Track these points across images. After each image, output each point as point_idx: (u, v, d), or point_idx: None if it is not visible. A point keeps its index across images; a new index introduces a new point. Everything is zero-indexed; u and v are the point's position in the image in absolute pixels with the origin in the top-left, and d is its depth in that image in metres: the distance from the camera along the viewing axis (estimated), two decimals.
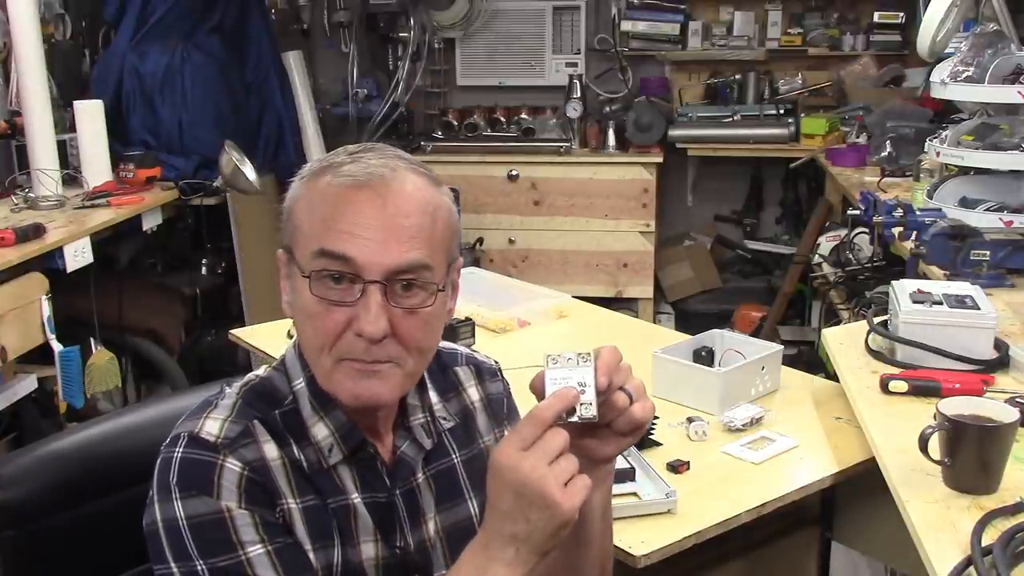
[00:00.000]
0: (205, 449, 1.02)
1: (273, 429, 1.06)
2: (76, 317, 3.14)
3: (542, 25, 4.94)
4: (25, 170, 3.38)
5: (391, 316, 1.02)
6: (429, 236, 1.04)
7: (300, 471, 1.06)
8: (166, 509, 1.01)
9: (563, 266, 4.68)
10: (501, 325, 2.34)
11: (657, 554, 1.41)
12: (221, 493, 1.00)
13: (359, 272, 1.01)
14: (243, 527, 1.00)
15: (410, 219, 1.03)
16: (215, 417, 1.05)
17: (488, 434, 1.23)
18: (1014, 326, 1.95)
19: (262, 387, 1.11)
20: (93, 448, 1.26)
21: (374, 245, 1.01)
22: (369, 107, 4.82)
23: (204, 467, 1.01)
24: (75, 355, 2.86)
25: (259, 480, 1.02)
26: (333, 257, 1.01)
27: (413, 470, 1.14)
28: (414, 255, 1.03)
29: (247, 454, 1.03)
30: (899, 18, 4.63)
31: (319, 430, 1.08)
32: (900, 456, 1.44)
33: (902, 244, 2.55)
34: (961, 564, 1.15)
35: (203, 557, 0.99)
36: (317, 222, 1.03)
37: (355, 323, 1.02)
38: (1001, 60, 2.62)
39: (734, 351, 1.98)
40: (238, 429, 1.04)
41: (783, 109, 4.68)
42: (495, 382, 1.27)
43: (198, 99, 3.88)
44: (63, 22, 3.96)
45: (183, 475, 1.01)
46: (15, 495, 1.17)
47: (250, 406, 1.08)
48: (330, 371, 1.05)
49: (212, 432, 1.03)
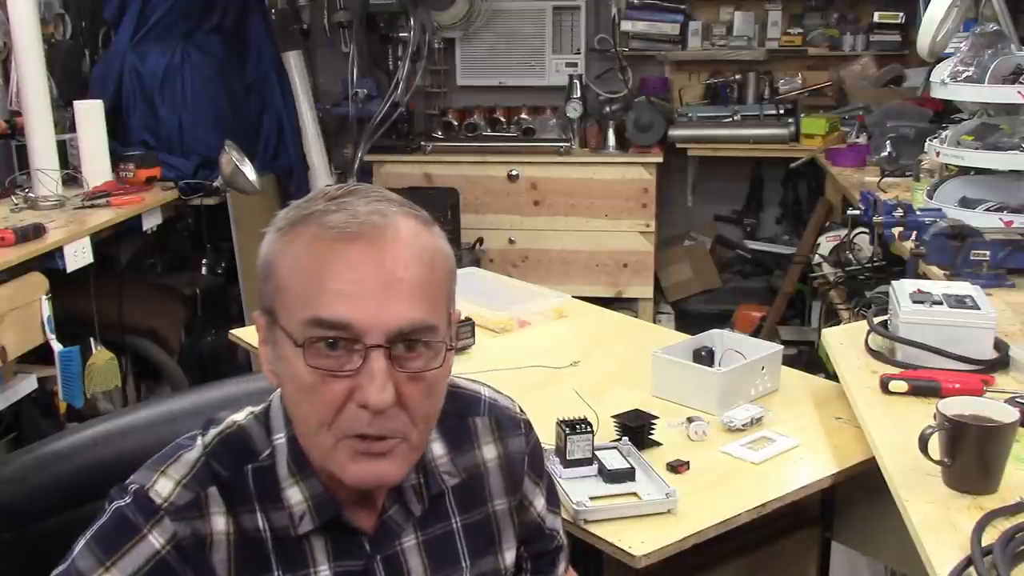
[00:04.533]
0: (142, 511, 0.94)
1: (233, 495, 0.97)
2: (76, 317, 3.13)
3: (542, 25, 4.95)
4: (25, 170, 3.38)
5: (396, 383, 0.91)
6: (430, 290, 0.94)
7: (255, 545, 0.96)
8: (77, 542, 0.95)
9: (563, 266, 4.68)
10: (501, 325, 2.34)
11: (657, 554, 1.41)
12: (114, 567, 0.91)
13: (359, 337, 0.90)
14: None
15: (409, 271, 0.92)
16: (171, 476, 0.96)
17: (500, 498, 1.11)
18: (1014, 326, 1.95)
19: (237, 438, 1.00)
20: (92, 449, 1.24)
21: (373, 306, 0.90)
22: (369, 107, 4.82)
23: (126, 532, 0.93)
24: (75, 355, 2.85)
25: (176, 561, 0.93)
26: (329, 326, 0.90)
27: (398, 536, 1.04)
28: (417, 314, 0.92)
29: (185, 528, 0.94)
30: (899, 18, 4.63)
31: (293, 494, 0.98)
32: (900, 456, 1.43)
33: (902, 244, 2.55)
34: (961, 564, 1.15)
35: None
36: (306, 284, 0.92)
37: (358, 394, 0.91)
38: (1001, 60, 2.62)
39: (734, 351, 1.98)
40: (188, 497, 0.95)
41: (783, 109, 4.69)
42: (517, 437, 1.14)
43: (198, 99, 3.88)
44: (63, 22, 3.96)
45: (105, 528, 0.94)
46: (14, 497, 1.15)
47: (217, 462, 0.98)
48: (331, 450, 0.94)
49: (160, 493, 0.95)
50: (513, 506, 1.13)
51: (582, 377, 2.04)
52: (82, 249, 2.98)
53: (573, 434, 1.57)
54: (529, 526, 1.17)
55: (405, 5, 4.72)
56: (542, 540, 1.19)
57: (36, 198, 3.23)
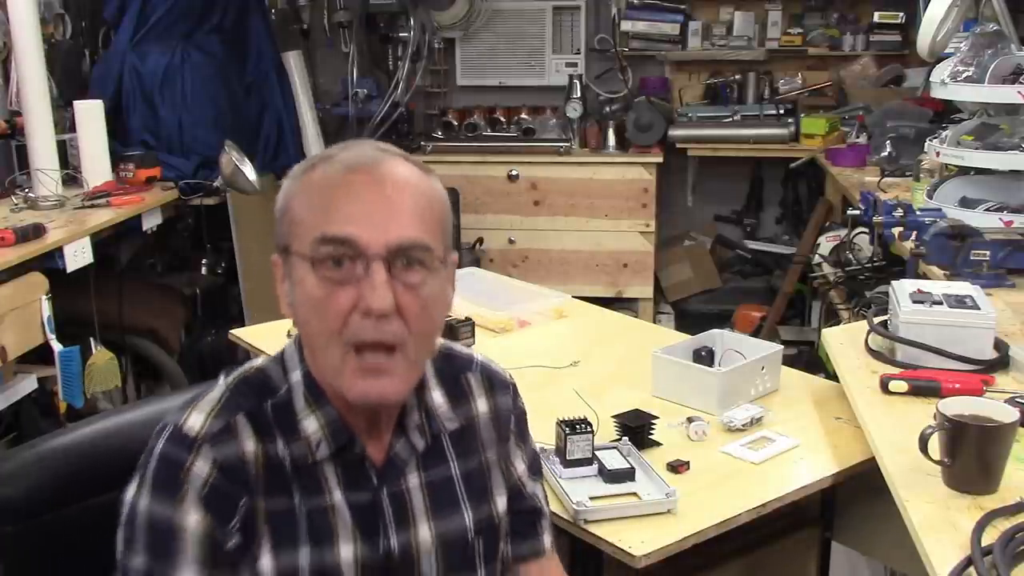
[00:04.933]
0: (182, 446, 1.03)
1: (258, 423, 1.07)
2: (76, 317, 3.13)
3: (542, 25, 4.94)
4: (25, 170, 3.38)
5: (395, 293, 1.02)
6: (426, 216, 1.05)
7: (278, 470, 1.06)
8: (135, 495, 1.04)
9: (563, 266, 4.68)
10: (501, 325, 2.34)
11: (657, 554, 1.41)
12: (183, 501, 1.01)
13: (362, 250, 1.01)
14: (186, 547, 1.01)
15: (406, 199, 1.04)
16: (200, 410, 1.06)
17: (490, 448, 1.21)
18: (1014, 326, 1.95)
19: (256, 378, 1.11)
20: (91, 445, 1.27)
21: (374, 224, 1.02)
22: (369, 107, 4.82)
23: (174, 468, 1.02)
24: (75, 355, 2.86)
25: (225, 483, 1.03)
26: (335, 242, 1.02)
27: (404, 471, 1.13)
28: (413, 233, 1.03)
29: (223, 451, 1.04)
30: (899, 18, 4.63)
31: (309, 424, 1.08)
32: (900, 456, 1.43)
33: (902, 244, 2.55)
34: (961, 564, 1.15)
35: (144, 552, 1.02)
36: (316, 211, 1.04)
37: (361, 303, 1.01)
38: (1001, 60, 2.62)
39: (734, 351, 1.98)
40: (220, 424, 1.05)
41: (783, 109, 4.68)
42: (505, 396, 1.25)
43: (198, 99, 3.88)
44: (63, 22, 3.96)
45: (157, 471, 1.03)
46: (15, 492, 1.17)
47: (240, 397, 1.08)
48: (339, 365, 1.04)
49: (194, 426, 1.05)
50: (502, 457, 1.23)
51: (582, 377, 2.04)
52: (82, 249, 2.98)
53: (573, 434, 1.57)
54: (511, 488, 1.24)
55: (405, 5, 4.72)
56: (521, 500, 1.26)
57: (36, 198, 3.23)
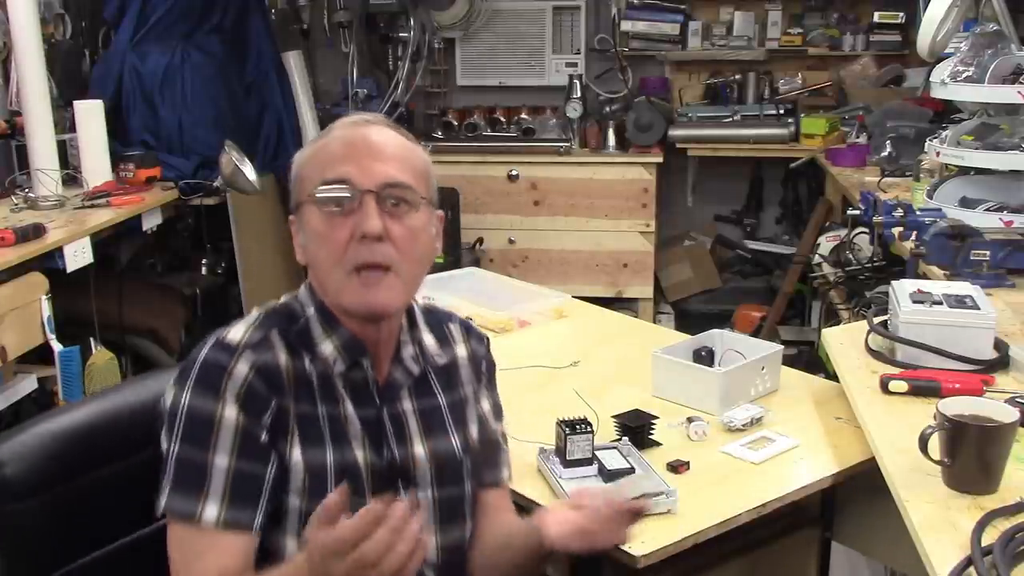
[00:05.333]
0: (225, 351, 1.22)
1: (288, 341, 1.26)
2: (76, 317, 3.13)
3: (542, 25, 4.94)
4: (25, 170, 3.38)
5: (385, 222, 1.23)
6: (410, 165, 1.27)
7: (304, 381, 1.25)
8: (176, 392, 1.21)
9: (563, 266, 4.68)
10: (501, 325, 2.34)
11: (657, 554, 1.41)
12: (224, 395, 1.19)
13: (355, 187, 1.23)
14: (224, 435, 1.19)
15: (392, 150, 1.27)
16: (241, 325, 1.27)
17: (468, 385, 1.42)
18: (1014, 326, 1.95)
19: (283, 309, 1.31)
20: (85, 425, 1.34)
21: (364, 168, 1.24)
22: (369, 107, 4.79)
23: (218, 370, 1.21)
24: (75, 355, 2.86)
25: (261, 384, 1.21)
26: (333, 181, 1.23)
27: (399, 396, 1.32)
28: (398, 175, 1.25)
29: (261, 357, 1.23)
30: (899, 18, 4.63)
31: (325, 347, 1.27)
32: (900, 456, 1.44)
33: (902, 244, 2.55)
34: (961, 564, 1.15)
35: (182, 441, 1.19)
36: (318, 166, 1.26)
37: (356, 230, 1.22)
38: (1001, 60, 2.62)
39: (734, 351, 1.98)
40: (259, 336, 1.25)
41: (783, 109, 4.68)
42: (480, 345, 1.45)
43: (198, 99, 3.88)
44: (63, 22, 3.96)
45: (200, 373, 1.21)
46: (15, 472, 1.24)
47: (273, 319, 1.28)
48: (343, 284, 1.23)
49: (236, 336, 1.24)
50: (475, 394, 1.43)
51: (582, 377, 2.04)
52: (82, 249, 2.98)
53: (573, 434, 1.58)
54: (479, 419, 1.43)
55: (405, 5, 4.72)
56: (485, 432, 1.43)
57: (36, 198, 3.23)
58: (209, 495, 1.17)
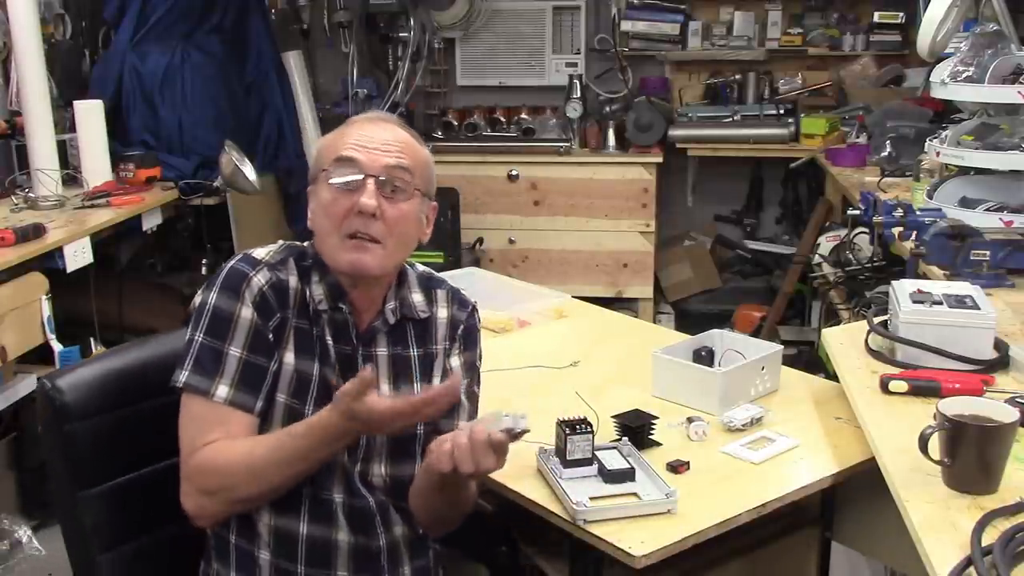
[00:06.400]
0: (249, 264, 1.48)
1: (299, 270, 1.50)
2: (76, 317, 3.13)
3: (542, 25, 4.95)
4: (25, 170, 3.38)
5: (380, 203, 1.45)
6: (411, 154, 1.50)
7: (305, 304, 1.48)
8: (205, 294, 1.47)
9: (563, 266, 4.68)
10: (501, 325, 2.34)
11: (657, 554, 1.41)
12: (243, 298, 1.44)
13: (362, 169, 1.46)
14: (240, 330, 1.44)
15: (397, 141, 1.49)
16: (267, 248, 1.53)
17: (442, 343, 1.59)
18: (1014, 326, 1.95)
19: (298, 247, 1.54)
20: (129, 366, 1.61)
21: (371, 152, 1.47)
22: (369, 107, 4.79)
23: (240, 277, 1.46)
24: (75, 355, 2.86)
25: (272, 296, 1.46)
26: (344, 160, 1.46)
27: (376, 340, 1.53)
28: (400, 159, 1.48)
29: (277, 274, 1.48)
30: (899, 18, 4.63)
31: (316, 289, 1.49)
32: (900, 456, 1.43)
33: (902, 244, 2.55)
34: (961, 564, 1.15)
35: (204, 333, 1.44)
36: (334, 149, 1.49)
37: (355, 205, 1.44)
38: (1001, 60, 2.62)
39: (734, 351, 1.98)
40: (280, 256, 1.51)
41: (783, 109, 4.68)
42: (463, 311, 1.62)
43: (198, 99, 3.88)
44: (63, 22, 3.96)
45: (226, 279, 1.47)
46: (73, 399, 1.52)
47: (291, 251, 1.52)
48: (337, 247, 1.46)
49: (260, 255, 1.50)
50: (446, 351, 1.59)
51: (582, 377, 2.04)
52: (82, 249, 2.98)
53: (573, 434, 1.58)
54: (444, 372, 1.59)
55: (405, 5, 4.72)
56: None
57: (36, 198, 3.23)
58: (222, 377, 1.42)
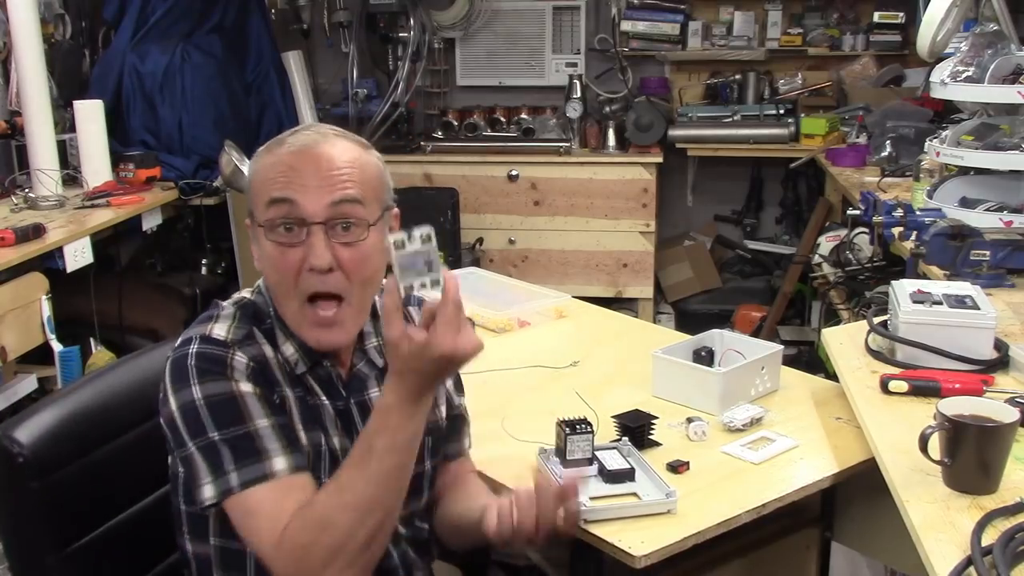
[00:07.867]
0: (217, 345, 1.26)
1: (266, 336, 1.32)
2: (76, 317, 3.13)
3: (542, 25, 4.94)
4: (25, 170, 3.38)
5: (334, 251, 1.26)
6: (359, 179, 1.29)
7: (285, 371, 1.32)
8: (183, 395, 1.24)
9: (563, 266, 4.68)
10: (501, 325, 2.34)
11: (657, 554, 1.41)
12: (234, 375, 1.25)
13: (304, 216, 1.25)
14: (252, 404, 1.25)
15: (339, 168, 1.27)
16: (221, 323, 1.30)
17: None
18: (1014, 326, 1.95)
19: (251, 307, 1.35)
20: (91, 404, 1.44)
21: (311, 190, 1.25)
22: (369, 107, 4.81)
23: (217, 360, 1.25)
24: (75, 355, 2.86)
25: (261, 370, 1.28)
26: (280, 202, 1.26)
27: (367, 385, 1.39)
28: (346, 191, 1.26)
29: (251, 351, 1.28)
30: (899, 18, 4.63)
31: (287, 348, 1.33)
32: (900, 456, 1.43)
33: (902, 244, 2.55)
34: (961, 564, 1.15)
35: (218, 429, 1.23)
36: (267, 181, 1.28)
37: (306, 261, 1.25)
38: (1001, 60, 2.62)
39: (734, 351, 1.98)
40: (243, 332, 1.30)
41: (783, 109, 4.68)
42: None
43: (198, 99, 3.88)
44: (63, 22, 3.96)
45: (200, 364, 1.25)
46: (35, 453, 1.33)
47: (247, 316, 1.32)
48: (299, 317, 1.29)
49: (221, 333, 1.28)
50: None
51: (582, 377, 2.04)
52: (82, 249, 2.98)
53: (573, 434, 1.57)
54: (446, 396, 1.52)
55: (405, 5, 4.71)
56: (450, 408, 1.52)
57: (36, 198, 3.23)
58: (270, 453, 1.24)
